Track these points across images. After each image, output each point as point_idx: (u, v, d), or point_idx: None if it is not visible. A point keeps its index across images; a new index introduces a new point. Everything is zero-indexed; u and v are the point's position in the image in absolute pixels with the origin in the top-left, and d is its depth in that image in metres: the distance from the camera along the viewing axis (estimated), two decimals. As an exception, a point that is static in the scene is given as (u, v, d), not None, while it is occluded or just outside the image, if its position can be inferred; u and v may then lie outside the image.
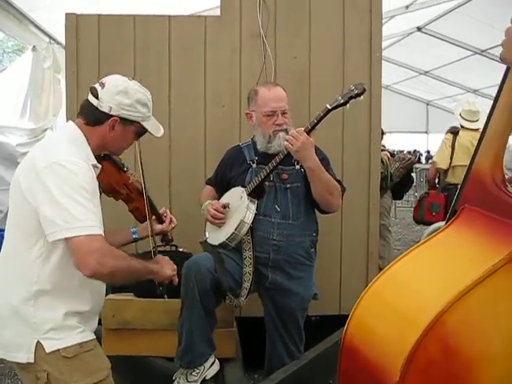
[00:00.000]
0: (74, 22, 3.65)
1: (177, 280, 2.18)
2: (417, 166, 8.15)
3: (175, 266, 2.15)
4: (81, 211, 1.76)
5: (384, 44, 3.82)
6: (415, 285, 1.70)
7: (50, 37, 6.95)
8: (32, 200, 1.80)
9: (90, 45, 3.64)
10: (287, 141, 2.61)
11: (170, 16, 3.70)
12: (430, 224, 5.83)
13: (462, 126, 5.72)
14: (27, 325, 1.84)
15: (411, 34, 10.32)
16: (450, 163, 5.62)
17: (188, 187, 3.54)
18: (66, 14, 3.66)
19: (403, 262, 1.77)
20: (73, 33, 3.65)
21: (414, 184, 9.35)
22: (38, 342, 1.83)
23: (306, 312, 2.99)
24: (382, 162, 4.88)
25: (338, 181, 2.86)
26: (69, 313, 1.89)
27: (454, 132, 5.74)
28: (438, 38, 10.08)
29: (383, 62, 3.83)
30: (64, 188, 1.76)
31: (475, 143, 1.70)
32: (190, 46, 3.68)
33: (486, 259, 1.54)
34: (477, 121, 5.60)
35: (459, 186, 1.76)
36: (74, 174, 1.80)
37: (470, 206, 1.72)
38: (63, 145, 1.91)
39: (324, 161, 2.80)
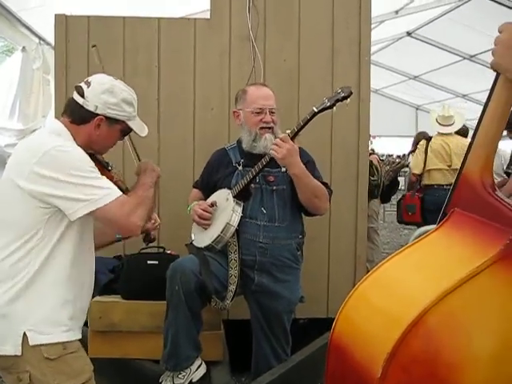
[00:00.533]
0: (64, 23, 3.64)
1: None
2: (406, 169, 8.26)
3: (157, 168, 2.20)
4: (96, 181, 1.82)
5: (373, 48, 3.84)
6: (400, 285, 1.72)
7: (40, 38, 6.92)
8: (41, 193, 1.80)
9: (80, 46, 3.62)
10: (272, 149, 2.61)
11: (159, 18, 3.70)
12: (409, 224, 6.66)
13: (438, 132, 6.00)
14: (14, 319, 1.83)
15: (401, 38, 10.37)
16: (424, 167, 5.88)
17: (176, 189, 3.53)
18: (56, 15, 3.65)
19: (390, 263, 1.78)
20: (62, 34, 3.64)
21: (403, 187, 9.41)
22: (24, 333, 1.82)
23: (292, 315, 2.99)
24: (377, 170, 4.90)
25: (325, 183, 2.87)
26: (58, 304, 1.88)
27: (427, 138, 6.05)
28: (427, 42, 10.13)
29: (373, 66, 3.85)
30: (68, 171, 1.79)
31: (446, 147, 1.72)
32: (180, 49, 3.69)
33: (471, 260, 1.55)
34: (451, 125, 5.88)
35: (450, 190, 1.78)
36: (72, 155, 1.84)
37: (459, 210, 1.73)
38: (51, 137, 1.92)
39: (309, 164, 2.81)
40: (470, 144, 1.68)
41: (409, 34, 10.06)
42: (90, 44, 3.61)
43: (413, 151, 6.38)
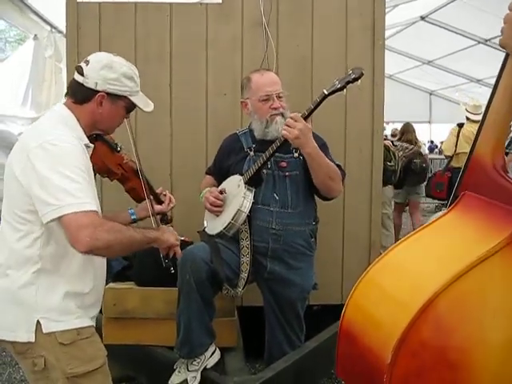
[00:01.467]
0: (75, 9, 3.62)
1: (180, 252, 2.14)
2: (435, 156, 8.53)
3: (178, 236, 2.11)
4: (72, 187, 1.73)
5: (387, 33, 3.80)
6: (410, 269, 1.71)
7: (52, 25, 6.93)
8: (25, 183, 1.78)
9: (91, 33, 3.61)
10: (284, 129, 2.56)
11: (171, 3, 3.67)
12: (435, 198, 7.74)
13: (467, 118, 6.66)
14: (28, 305, 1.84)
15: (414, 23, 10.26)
16: (455, 150, 6.60)
17: (189, 175, 3.52)
18: (67, 2, 3.63)
19: (400, 247, 1.78)
20: (73, 21, 3.63)
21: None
22: (37, 321, 1.82)
23: (305, 302, 2.98)
24: (394, 155, 4.87)
25: (338, 165, 2.81)
26: (69, 294, 1.88)
27: (460, 125, 6.70)
28: (441, 27, 10.02)
29: (386, 51, 3.80)
30: (56, 167, 1.74)
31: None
32: (192, 34, 3.65)
33: (481, 243, 1.53)
34: (480, 113, 6.23)
35: (460, 173, 1.76)
36: (66, 153, 1.79)
37: (469, 192, 1.71)
38: (54, 125, 1.90)
39: (323, 147, 2.75)
40: (481, 126, 1.65)
41: (423, 18, 9.95)
42: (102, 31, 3.61)
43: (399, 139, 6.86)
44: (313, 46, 3.68)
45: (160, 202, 2.39)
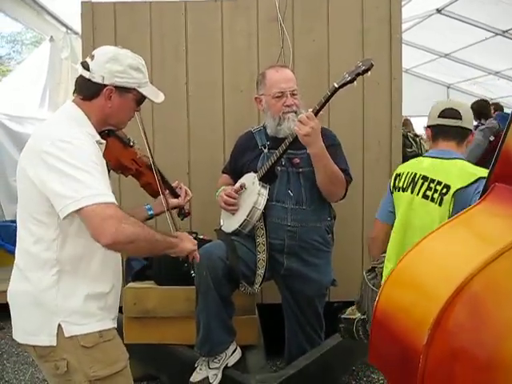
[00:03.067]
0: (90, 10, 3.64)
1: (198, 256, 2.10)
2: None
3: (195, 241, 2.07)
4: (89, 179, 1.69)
5: (403, 27, 3.76)
6: (443, 256, 1.72)
7: (67, 27, 6.97)
8: (39, 182, 1.74)
9: (106, 33, 3.63)
10: (296, 125, 2.54)
11: (185, 1, 3.66)
12: None
13: None
14: (48, 308, 1.82)
15: (430, 16, 10.16)
16: None
17: (207, 173, 3.52)
18: (82, 3, 3.65)
19: (435, 235, 1.78)
20: (89, 21, 3.64)
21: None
22: (59, 324, 1.81)
23: (324, 299, 2.96)
24: (414, 140, 4.82)
25: (346, 170, 2.78)
26: (89, 296, 1.86)
27: None
28: (457, 19, 9.90)
29: (402, 45, 3.76)
30: (70, 161, 1.70)
31: None
32: (207, 31, 3.65)
33: (508, 230, 1.52)
34: None
35: (491, 165, 1.75)
36: (78, 147, 1.74)
37: (499, 184, 1.70)
38: (64, 123, 1.87)
39: (333, 147, 2.73)
40: (511, 118, 1.64)
41: (439, 11, 9.84)
42: (117, 31, 3.62)
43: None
44: (329, 41, 3.66)
45: (176, 196, 2.37)
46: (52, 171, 1.71)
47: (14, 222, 6.01)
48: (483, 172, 2.26)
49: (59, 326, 1.81)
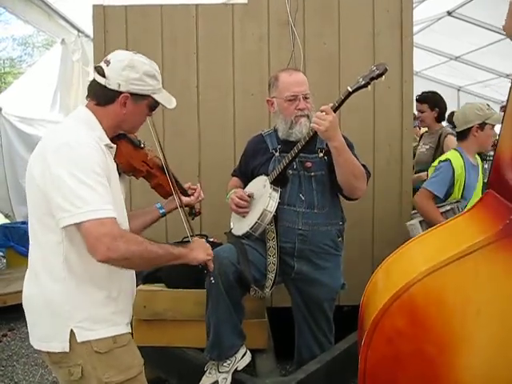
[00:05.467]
0: (102, 13, 3.66)
1: (212, 266, 2.09)
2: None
3: (210, 250, 2.07)
4: (89, 193, 1.70)
5: (413, 30, 3.75)
6: (410, 260, 1.73)
7: (79, 30, 7.01)
8: (43, 186, 1.75)
9: (118, 36, 3.64)
10: (314, 122, 2.50)
11: (196, 5, 3.67)
12: None
13: None
14: (59, 314, 1.81)
15: (441, 18, 10.12)
16: None
17: (218, 177, 3.51)
18: (94, 6, 3.67)
19: (418, 240, 1.81)
20: (100, 24, 3.66)
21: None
22: (71, 330, 1.80)
23: (334, 302, 2.95)
24: None
25: (363, 165, 2.75)
26: (101, 300, 1.86)
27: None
28: (468, 22, 9.86)
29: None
30: (73, 170, 1.71)
31: None
32: (218, 35, 3.66)
33: (472, 238, 1.51)
34: None
35: (489, 172, 1.75)
36: (83, 156, 1.74)
37: (491, 190, 1.70)
38: (73, 127, 1.87)
39: (349, 147, 2.72)
40: (502, 122, 1.63)
41: (449, 13, 9.81)
42: (128, 34, 3.63)
43: None
44: (340, 44, 3.65)
45: (187, 196, 2.38)
46: (55, 179, 1.72)
47: (25, 223, 6.05)
48: None
49: (71, 331, 1.80)
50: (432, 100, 4.12)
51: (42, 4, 6.12)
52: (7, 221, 6.73)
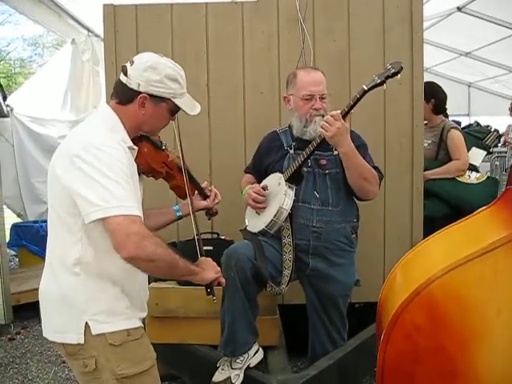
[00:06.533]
0: (112, 12, 3.66)
1: (224, 281, 2.10)
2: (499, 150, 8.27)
3: (218, 268, 2.08)
4: (119, 190, 1.72)
5: (423, 25, 3.73)
6: (430, 257, 1.73)
7: (89, 30, 7.04)
8: (68, 185, 1.77)
9: (128, 35, 3.65)
10: (322, 126, 2.54)
11: (206, 3, 3.68)
12: None
13: None
14: (75, 307, 1.84)
15: (451, 14, 10.08)
16: None
17: (228, 174, 3.52)
18: (104, 5, 3.68)
19: (437, 236, 1.79)
20: (111, 24, 3.67)
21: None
22: (86, 323, 1.83)
23: (348, 299, 2.95)
24: None
25: (376, 167, 2.79)
26: (116, 295, 1.89)
27: None
28: (478, 17, 9.81)
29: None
30: (101, 168, 1.73)
31: None
32: (228, 33, 3.66)
33: (492, 235, 1.50)
34: None
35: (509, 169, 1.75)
36: (110, 156, 1.77)
37: (511, 187, 1.69)
38: (97, 129, 1.89)
39: (361, 147, 2.73)
40: None
41: (459, 9, 9.76)
42: (139, 33, 3.64)
43: None
44: (350, 41, 3.64)
45: (205, 197, 2.39)
46: (82, 175, 1.74)
47: (37, 222, 6.10)
48: None
49: (86, 324, 1.83)
50: (426, 91, 3.93)
51: (52, 4, 6.15)
52: (19, 220, 6.77)
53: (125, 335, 1.88)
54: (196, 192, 2.37)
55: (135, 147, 1.99)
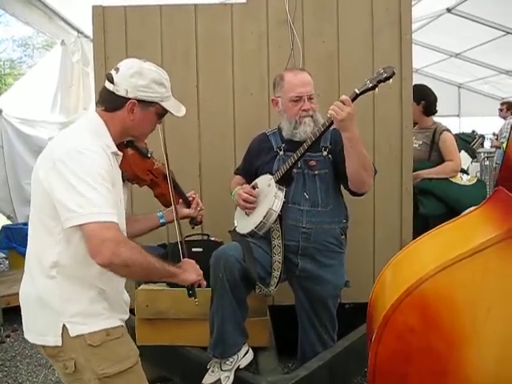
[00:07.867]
0: (101, 14, 3.66)
1: (205, 284, 2.14)
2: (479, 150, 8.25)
3: (201, 271, 2.11)
4: (96, 196, 1.73)
5: (413, 27, 3.74)
6: (422, 256, 1.73)
7: (78, 31, 7.02)
8: (49, 188, 1.79)
9: (117, 36, 3.64)
10: (332, 110, 2.48)
11: (195, 4, 3.68)
12: None
13: None
14: (53, 310, 1.85)
15: (441, 15, 10.12)
16: None
17: (218, 176, 3.52)
18: (93, 7, 3.67)
19: (428, 236, 1.80)
20: (100, 25, 3.66)
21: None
22: (64, 325, 1.84)
23: (338, 300, 2.96)
24: None
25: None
26: (93, 298, 1.90)
27: None
28: (468, 18, 9.86)
29: (412, 45, 3.75)
30: (80, 174, 1.74)
31: None
32: (217, 34, 3.66)
33: (483, 235, 1.51)
34: None
35: (498, 169, 1.77)
36: (91, 160, 1.78)
37: (501, 188, 1.70)
38: (82, 133, 1.90)
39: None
40: None
41: (449, 10, 9.80)
42: (128, 34, 3.63)
43: None
44: (339, 43, 3.65)
45: (189, 206, 2.40)
46: (61, 181, 1.75)
47: (27, 224, 6.04)
48: None
49: (64, 326, 1.84)
50: (416, 93, 3.94)
51: (42, 5, 6.13)
52: (9, 222, 6.74)
53: (104, 335, 1.88)
54: (180, 200, 2.38)
55: (120, 153, 2.00)
